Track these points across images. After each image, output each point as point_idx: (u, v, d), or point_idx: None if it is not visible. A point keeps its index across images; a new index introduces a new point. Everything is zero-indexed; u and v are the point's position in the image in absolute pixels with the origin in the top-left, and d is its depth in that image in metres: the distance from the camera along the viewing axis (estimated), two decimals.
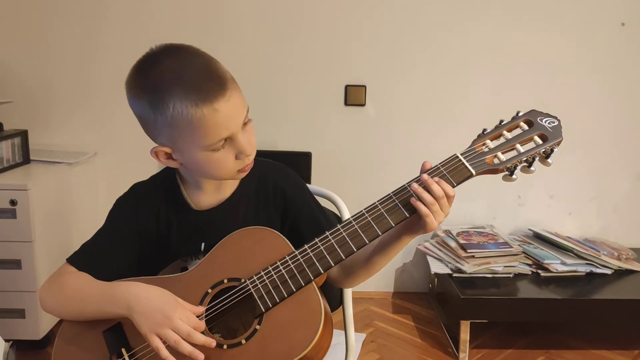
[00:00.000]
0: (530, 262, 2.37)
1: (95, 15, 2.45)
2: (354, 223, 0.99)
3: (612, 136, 2.62)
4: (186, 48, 0.99)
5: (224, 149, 0.99)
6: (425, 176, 0.97)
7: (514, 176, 1.00)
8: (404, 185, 0.99)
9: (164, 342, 0.94)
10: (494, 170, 1.00)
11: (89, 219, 2.44)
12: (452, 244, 2.40)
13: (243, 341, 0.96)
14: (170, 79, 0.94)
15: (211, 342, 0.95)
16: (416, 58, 2.53)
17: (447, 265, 2.34)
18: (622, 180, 2.66)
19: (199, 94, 0.93)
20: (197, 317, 0.98)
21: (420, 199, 0.96)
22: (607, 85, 2.57)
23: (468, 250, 2.31)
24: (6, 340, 1.19)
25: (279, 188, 1.12)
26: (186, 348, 0.93)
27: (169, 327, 0.94)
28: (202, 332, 0.97)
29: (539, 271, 2.33)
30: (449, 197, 0.97)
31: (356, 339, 1.69)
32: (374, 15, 2.49)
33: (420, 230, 0.99)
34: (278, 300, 0.97)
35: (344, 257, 0.98)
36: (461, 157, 0.99)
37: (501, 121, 1.03)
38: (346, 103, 2.56)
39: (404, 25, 2.50)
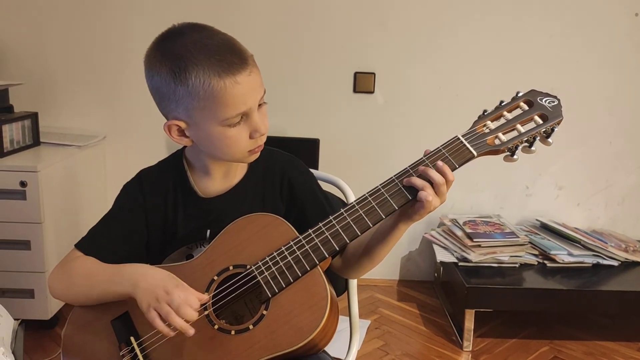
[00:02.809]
0: (536, 252, 2.37)
1: None
2: (357, 207, 0.99)
3: (622, 128, 2.59)
4: (208, 26, 1.01)
5: (240, 125, 1.00)
6: (422, 168, 0.98)
7: (515, 156, 1.00)
8: (406, 168, 1.00)
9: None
10: (495, 151, 1.00)
11: (98, 201, 2.46)
12: (459, 232, 2.40)
13: (250, 326, 0.97)
14: (195, 49, 0.95)
15: (197, 317, 0.93)
16: (425, 46, 2.52)
17: (453, 254, 2.34)
18: (631, 172, 2.65)
19: (222, 65, 0.95)
20: (204, 304, 0.98)
21: (418, 187, 0.96)
22: (619, 77, 2.54)
23: (474, 240, 2.31)
24: (15, 319, 1.21)
25: (287, 178, 1.12)
26: (177, 321, 0.92)
27: (165, 301, 0.94)
28: (209, 319, 0.98)
29: (545, 262, 2.32)
30: (449, 182, 0.97)
31: (361, 326, 1.70)
32: (383, 3, 2.48)
33: (416, 215, 0.99)
34: (284, 286, 0.97)
35: (348, 241, 0.98)
36: (462, 139, 1.00)
37: (501, 102, 1.03)
38: (355, 90, 2.56)
39: (414, 13, 2.48)
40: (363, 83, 2.54)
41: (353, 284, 1.33)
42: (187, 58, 0.95)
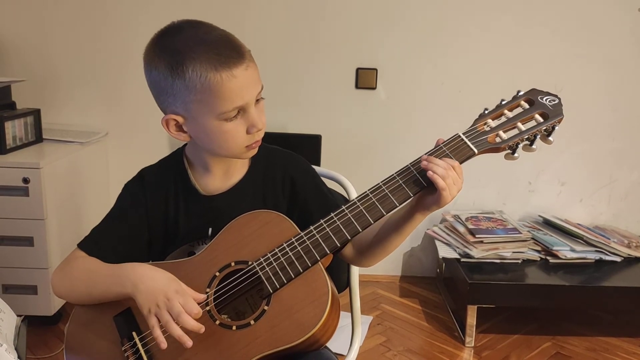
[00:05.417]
0: (539, 248, 2.37)
1: None
2: (358, 204, 1.00)
3: (625, 124, 2.59)
4: (207, 22, 1.02)
5: (236, 119, 1.00)
6: (425, 156, 0.98)
7: (515, 154, 1.01)
8: (407, 165, 1.01)
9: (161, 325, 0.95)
10: (495, 149, 1.01)
11: (100, 198, 2.46)
12: (461, 228, 2.40)
13: (252, 322, 0.97)
14: (192, 44, 0.96)
15: (200, 327, 0.94)
16: (428, 41, 2.51)
17: (455, 250, 2.34)
18: (634, 168, 2.64)
19: (219, 59, 0.96)
20: (201, 303, 0.98)
21: (434, 172, 0.95)
22: (622, 72, 2.53)
23: (476, 236, 2.31)
24: (18, 316, 1.21)
25: (288, 175, 1.13)
26: (175, 330, 0.93)
27: (166, 308, 0.94)
28: (211, 314, 0.99)
29: (548, 257, 2.32)
30: (456, 168, 0.97)
31: (363, 322, 1.71)
32: None
33: (434, 205, 0.99)
34: (285, 281, 0.98)
35: (349, 238, 0.99)
36: (463, 137, 1.00)
37: (502, 100, 1.04)
38: (357, 86, 2.55)
39: (416, 9, 2.48)
40: (365, 79, 2.54)
41: (355, 279, 1.33)
42: (184, 52, 0.96)
